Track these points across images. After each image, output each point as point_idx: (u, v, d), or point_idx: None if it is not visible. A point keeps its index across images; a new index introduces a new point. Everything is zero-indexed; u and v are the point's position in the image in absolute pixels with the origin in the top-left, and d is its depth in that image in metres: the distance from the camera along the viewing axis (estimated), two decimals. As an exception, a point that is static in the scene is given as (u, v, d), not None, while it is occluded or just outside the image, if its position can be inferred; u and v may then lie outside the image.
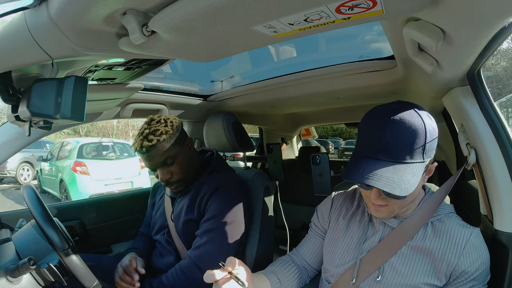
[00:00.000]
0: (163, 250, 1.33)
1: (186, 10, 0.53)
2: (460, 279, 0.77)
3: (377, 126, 0.75)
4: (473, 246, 0.78)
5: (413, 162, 0.73)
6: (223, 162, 1.45)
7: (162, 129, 1.20)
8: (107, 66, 1.10)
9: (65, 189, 6.77)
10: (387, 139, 0.72)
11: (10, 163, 8.93)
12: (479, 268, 0.77)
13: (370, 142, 0.76)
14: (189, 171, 1.29)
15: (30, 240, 0.97)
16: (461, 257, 0.77)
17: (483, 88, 0.87)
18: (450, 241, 0.80)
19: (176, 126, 1.25)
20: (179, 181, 1.26)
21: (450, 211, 0.87)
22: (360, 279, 0.85)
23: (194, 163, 1.32)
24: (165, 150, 1.19)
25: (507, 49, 11.86)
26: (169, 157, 1.21)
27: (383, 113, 0.75)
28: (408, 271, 0.81)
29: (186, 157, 1.27)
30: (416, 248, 0.82)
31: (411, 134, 0.72)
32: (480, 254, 0.78)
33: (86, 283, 0.90)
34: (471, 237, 0.79)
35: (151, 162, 1.20)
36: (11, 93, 0.80)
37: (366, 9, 0.53)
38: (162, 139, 1.18)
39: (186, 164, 1.27)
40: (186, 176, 1.28)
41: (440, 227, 0.83)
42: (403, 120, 0.72)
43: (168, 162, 1.21)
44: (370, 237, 0.89)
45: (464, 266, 0.77)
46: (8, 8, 0.60)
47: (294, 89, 1.54)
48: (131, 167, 7.49)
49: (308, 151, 2.74)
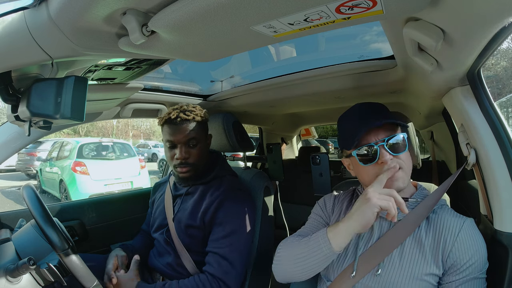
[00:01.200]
0: (162, 249, 1.33)
1: (186, 10, 0.53)
2: (455, 267, 0.79)
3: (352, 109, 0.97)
4: (467, 234, 0.80)
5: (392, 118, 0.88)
6: (227, 166, 1.44)
7: (198, 111, 1.31)
8: (107, 66, 1.10)
9: (65, 189, 6.77)
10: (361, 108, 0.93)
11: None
12: (473, 257, 0.78)
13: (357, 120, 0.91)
14: (203, 161, 1.32)
15: (30, 240, 0.97)
16: (455, 244, 0.79)
17: (483, 88, 0.87)
18: (444, 229, 0.82)
19: (206, 117, 1.34)
20: (193, 165, 1.28)
21: (443, 204, 0.91)
22: (360, 274, 0.86)
23: (207, 158, 1.36)
24: (194, 129, 1.27)
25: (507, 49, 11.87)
26: (195, 138, 1.27)
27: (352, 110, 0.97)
28: (407, 263, 0.82)
29: (205, 147, 1.33)
30: (413, 239, 0.84)
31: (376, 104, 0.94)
32: (474, 242, 0.79)
33: (86, 283, 0.90)
34: (464, 225, 0.81)
35: (178, 136, 1.25)
36: (10, 93, 0.80)
37: (366, 9, 0.53)
38: (197, 119, 1.28)
39: (204, 153, 1.31)
40: (199, 163, 1.30)
41: (434, 217, 0.86)
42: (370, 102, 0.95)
43: (192, 143, 1.27)
44: (369, 234, 0.90)
45: (458, 253, 0.78)
46: (8, 8, 0.60)
47: (294, 89, 1.54)
48: (131, 167, 7.50)
49: (308, 151, 2.74)
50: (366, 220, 0.78)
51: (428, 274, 0.80)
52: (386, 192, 0.79)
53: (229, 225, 1.20)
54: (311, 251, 0.86)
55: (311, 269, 0.87)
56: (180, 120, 1.24)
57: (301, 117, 2.72)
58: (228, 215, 1.21)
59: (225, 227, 1.20)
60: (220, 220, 1.21)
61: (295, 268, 0.88)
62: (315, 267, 0.86)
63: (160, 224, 1.38)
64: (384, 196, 0.78)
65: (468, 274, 0.78)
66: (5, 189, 8.42)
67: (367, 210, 0.78)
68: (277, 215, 1.89)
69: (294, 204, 2.52)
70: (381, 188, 0.81)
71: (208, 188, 1.29)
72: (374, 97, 1.63)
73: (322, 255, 0.84)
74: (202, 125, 1.32)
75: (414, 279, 0.80)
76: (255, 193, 1.47)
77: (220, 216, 1.21)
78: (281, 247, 0.97)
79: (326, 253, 0.83)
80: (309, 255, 0.86)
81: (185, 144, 1.26)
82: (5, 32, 0.63)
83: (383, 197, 0.78)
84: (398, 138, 0.87)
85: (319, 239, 0.85)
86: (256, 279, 1.38)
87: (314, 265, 0.86)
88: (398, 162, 0.86)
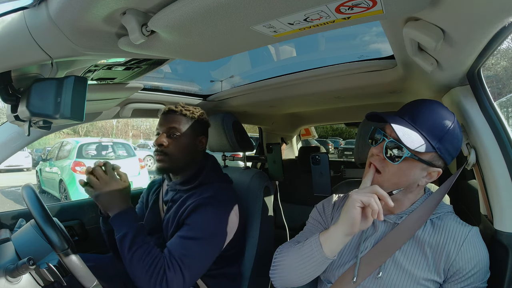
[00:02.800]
0: None
1: (185, 10, 0.53)
2: (457, 275, 0.78)
3: (415, 102, 0.85)
4: (471, 243, 0.79)
5: (427, 140, 0.78)
6: (215, 174, 1.34)
7: (192, 109, 1.32)
8: (107, 66, 1.10)
9: (65, 189, 6.76)
10: (419, 109, 0.82)
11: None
12: (476, 266, 0.77)
13: (405, 108, 0.85)
14: (180, 158, 1.26)
15: (30, 240, 0.97)
16: (459, 254, 0.78)
17: (483, 87, 0.87)
18: (448, 237, 0.81)
19: (201, 118, 1.33)
20: (167, 156, 1.24)
21: (449, 211, 0.88)
22: (361, 278, 0.85)
23: (190, 158, 1.29)
24: (179, 121, 1.27)
25: (507, 48, 11.87)
26: (177, 128, 1.26)
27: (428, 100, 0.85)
28: (409, 267, 0.81)
29: (187, 146, 1.28)
30: (416, 243, 0.83)
31: (440, 117, 0.80)
32: (478, 252, 0.78)
33: (86, 283, 0.90)
34: (469, 234, 0.80)
35: (162, 124, 1.28)
36: (10, 93, 0.80)
37: (366, 8, 0.53)
38: (186, 113, 1.28)
39: (183, 149, 1.26)
40: (177, 157, 1.25)
41: (439, 224, 0.84)
42: (440, 106, 0.82)
43: (172, 132, 1.26)
44: (370, 236, 0.90)
45: (462, 262, 0.77)
46: (7, 7, 0.60)
47: (294, 89, 1.54)
48: (131, 167, 7.49)
49: (308, 151, 2.74)
50: (351, 218, 0.77)
51: (428, 280, 0.80)
52: (368, 189, 0.78)
53: (193, 231, 1.12)
54: (305, 257, 0.85)
55: (308, 275, 0.87)
56: (169, 111, 1.29)
57: (301, 117, 2.72)
58: (198, 221, 1.14)
59: (188, 230, 1.13)
60: (188, 221, 1.15)
61: (292, 274, 0.88)
62: (312, 273, 0.86)
63: (153, 228, 1.34)
64: (366, 192, 0.77)
65: (470, 283, 0.77)
66: (5, 189, 8.43)
67: (350, 208, 0.77)
68: (277, 215, 1.89)
69: (294, 204, 2.52)
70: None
71: (191, 195, 1.23)
72: (374, 97, 1.63)
73: (314, 260, 0.84)
74: (191, 122, 1.29)
75: (415, 283, 0.80)
76: (255, 193, 1.46)
77: (190, 217, 1.15)
78: (277, 253, 0.96)
79: (318, 259, 0.83)
80: (304, 261, 0.85)
81: (166, 132, 1.26)
82: (5, 32, 0.63)
83: (364, 193, 0.77)
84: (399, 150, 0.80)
85: (312, 245, 0.84)
86: (255, 280, 1.38)
87: (310, 271, 0.86)
88: (382, 165, 0.83)
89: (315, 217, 1.05)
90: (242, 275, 1.38)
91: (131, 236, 1.06)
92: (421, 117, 0.80)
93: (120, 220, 1.09)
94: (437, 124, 0.79)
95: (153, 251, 1.07)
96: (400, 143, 0.77)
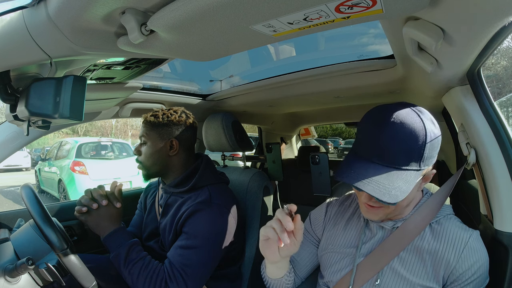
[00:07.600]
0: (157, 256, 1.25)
1: (185, 9, 0.52)
2: (457, 282, 0.76)
3: (375, 126, 0.72)
4: (472, 249, 0.77)
5: (408, 169, 0.70)
6: (209, 174, 1.31)
7: (168, 113, 1.28)
8: (106, 65, 1.09)
9: (64, 188, 6.75)
10: (383, 142, 0.70)
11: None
12: (477, 272, 0.76)
13: (367, 143, 0.74)
14: (151, 165, 1.27)
15: (29, 240, 0.96)
16: (459, 260, 0.76)
17: (483, 87, 0.87)
18: (448, 243, 0.78)
19: (170, 121, 1.27)
20: (141, 164, 1.29)
21: (449, 213, 0.85)
22: (358, 285, 0.83)
23: (164, 163, 1.27)
24: (146, 130, 1.27)
25: (507, 48, 11.89)
26: (145, 138, 1.27)
27: (384, 114, 0.72)
28: (407, 274, 0.79)
29: (155, 152, 1.26)
30: (414, 250, 0.81)
31: (410, 139, 0.68)
32: (479, 258, 0.76)
33: (85, 283, 0.90)
34: (470, 239, 0.77)
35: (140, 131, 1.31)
36: (9, 93, 0.80)
37: (365, 8, 0.53)
38: (149, 120, 1.27)
39: (151, 156, 1.26)
40: (146, 165, 1.27)
41: (438, 229, 0.82)
42: (404, 123, 0.69)
43: (143, 142, 1.28)
44: (367, 242, 0.87)
45: (462, 269, 0.76)
46: (6, 7, 0.60)
47: (293, 89, 1.54)
48: (130, 167, 7.47)
49: (307, 151, 2.74)
50: (262, 250, 0.81)
51: (426, 287, 0.78)
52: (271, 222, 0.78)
53: (192, 239, 1.12)
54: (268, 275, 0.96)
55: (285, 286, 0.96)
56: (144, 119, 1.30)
57: (301, 117, 2.72)
58: (195, 228, 1.14)
59: (187, 239, 1.13)
60: (186, 229, 1.14)
61: None
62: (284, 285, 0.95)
63: (152, 232, 1.35)
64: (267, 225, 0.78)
65: None
66: (4, 189, 8.42)
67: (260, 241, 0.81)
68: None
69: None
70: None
71: (186, 200, 1.22)
72: (373, 97, 1.63)
73: (268, 280, 0.96)
74: (158, 127, 1.25)
75: None
76: (254, 193, 1.46)
77: (186, 225, 1.15)
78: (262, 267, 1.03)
79: (267, 280, 0.95)
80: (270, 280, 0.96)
81: (140, 141, 1.30)
82: (4, 31, 0.63)
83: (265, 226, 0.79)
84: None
85: (263, 266, 0.95)
86: (255, 281, 1.38)
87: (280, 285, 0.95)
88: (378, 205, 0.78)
89: (305, 227, 1.03)
90: (242, 276, 1.38)
91: (124, 255, 1.09)
92: (391, 149, 0.70)
93: (110, 241, 1.12)
94: (411, 149, 0.69)
95: (150, 264, 1.10)
96: (384, 202, 0.68)
